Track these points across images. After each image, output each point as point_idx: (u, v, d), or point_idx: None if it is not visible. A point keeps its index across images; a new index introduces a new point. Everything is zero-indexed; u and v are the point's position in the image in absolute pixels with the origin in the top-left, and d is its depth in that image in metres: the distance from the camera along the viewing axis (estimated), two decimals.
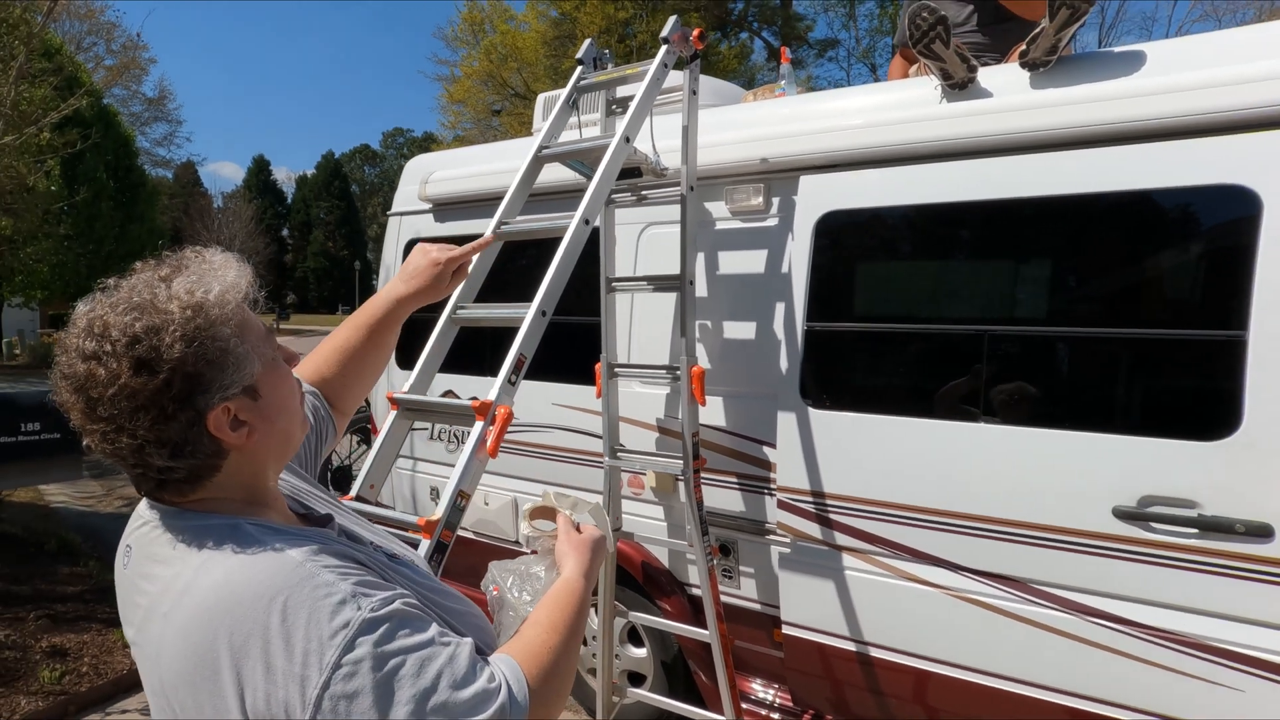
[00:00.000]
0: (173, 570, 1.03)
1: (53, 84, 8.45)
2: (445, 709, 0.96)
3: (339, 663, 0.93)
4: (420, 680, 0.95)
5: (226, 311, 1.07)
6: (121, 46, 34.71)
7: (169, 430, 1.02)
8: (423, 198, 4.50)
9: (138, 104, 41.18)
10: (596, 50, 3.30)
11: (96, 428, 1.02)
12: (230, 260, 1.14)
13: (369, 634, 0.95)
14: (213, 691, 0.95)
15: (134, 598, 1.09)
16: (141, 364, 1.00)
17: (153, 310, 1.03)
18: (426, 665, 0.97)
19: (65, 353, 1.05)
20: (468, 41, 29.95)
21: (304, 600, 0.96)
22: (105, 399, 1.00)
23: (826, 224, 3.03)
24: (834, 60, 40.62)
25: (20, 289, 24.78)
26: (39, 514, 8.26)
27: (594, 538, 1.48)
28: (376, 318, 1.72)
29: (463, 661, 1.01)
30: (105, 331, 1.01)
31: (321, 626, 0.94)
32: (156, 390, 1.00)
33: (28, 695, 4.21)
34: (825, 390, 3.01)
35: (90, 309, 1.06)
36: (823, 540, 3.00)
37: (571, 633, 1.24)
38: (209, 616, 0.97)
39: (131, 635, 1.10)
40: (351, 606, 0.97)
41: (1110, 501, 2.45)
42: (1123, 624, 2.46)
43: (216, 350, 1.05)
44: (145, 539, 1.10)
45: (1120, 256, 2.58)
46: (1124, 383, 2.56)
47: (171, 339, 1.01)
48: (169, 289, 1.05)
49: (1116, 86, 2.51)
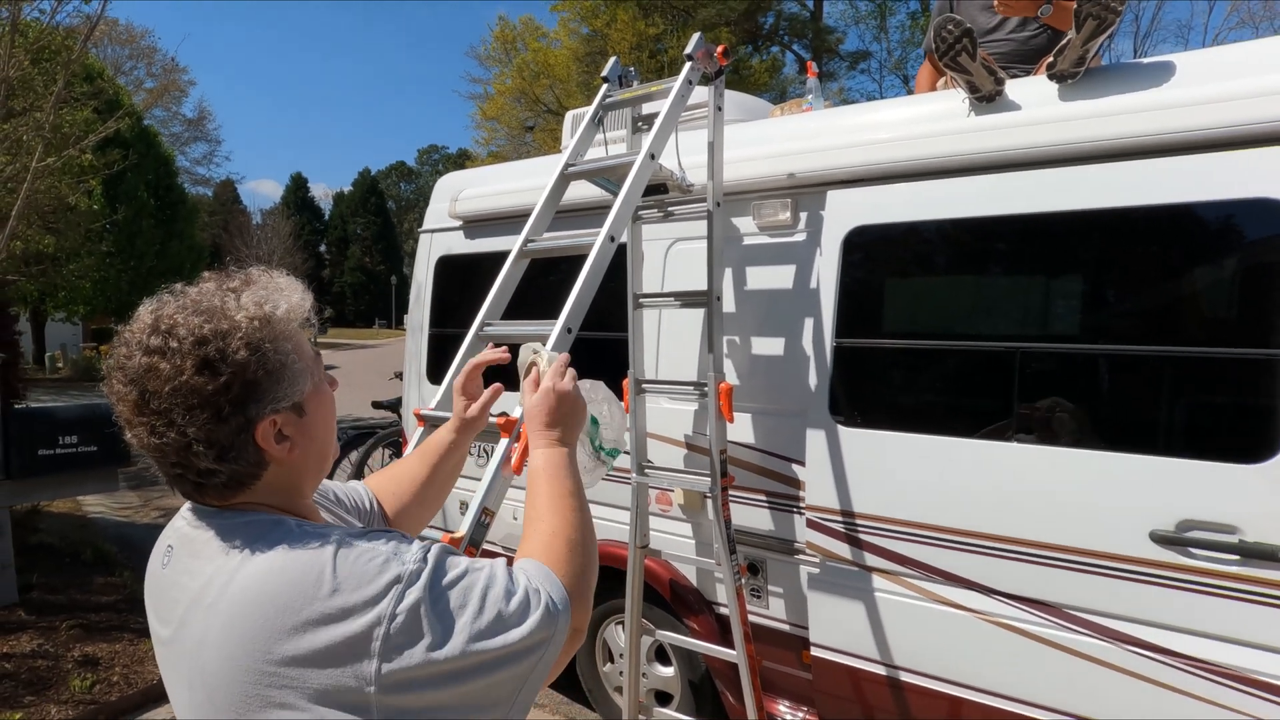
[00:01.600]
0: (215, 564, 1.05)
1: (94, 107, 8.66)
2: (498, 624, 1.04)
3: (394, 613, 0.98)
4: (468, 609, 1.03)
5: (289, 329, 1.14)
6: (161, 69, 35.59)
7: (219, 432, 1.05)
8: (453, 215, 4.54)
9: (178, 124, 42.28)
10: (622, 68, 3.31)
11: (145, 421, 1.05)
12: (295, 283, 1.20)
13: (415, 583, 1.01)
14: (265, 673, 0.97)
15: (172, 594, 1.10)
16: (206, 364, 1.04)
17: (222, 316, 1.08)
18: (470, 593, 1.04)
19: (125, 346, 1.08)
20: (500, 59, 30.30)
21: (350, 568, 1.01)
22: (162, 393, 1.03)
23: (854, 239, 3.00)
24: (866, 72, 40.57)
25: (63, 305, 25.36)
26: (76, 524, 8.39)
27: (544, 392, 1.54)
28: (438, 450, 1.75)
29: (500, 579, 1.08)
30: (172, 329, 1.06)
31: (372, 586, 0.99)
32: (216, 391, 1.04)
33: (58, 704, 4.26)
34: (855, 407, 2.98)
35: (157, 308, 1.10)
36: (852, 561, 2.96)
37: (574, 505, 1.35)
38: (258, 600, 0.99)
39: (166, 634, 1.10)
40: (396, 563, 1.02)
41: (1147, 525, 2.39)
42: (1160, 653, 2.38)
43: (276, 362, 1.10)
44: (187, 537, 1.12)
45: (1155, 272, 2.52)
46: (1161, 403, 2.49)
47: (237, 344, 1.06)
48: (238, 300, 1.11)
49: (1146, 99, 2.47)
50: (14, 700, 4.24)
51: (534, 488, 1.39)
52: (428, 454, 1.74)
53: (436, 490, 1.74)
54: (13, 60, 4.93)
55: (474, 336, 2.55)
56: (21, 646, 4.83)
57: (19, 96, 5.97)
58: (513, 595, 1.07)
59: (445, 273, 4.69)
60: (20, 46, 5.20)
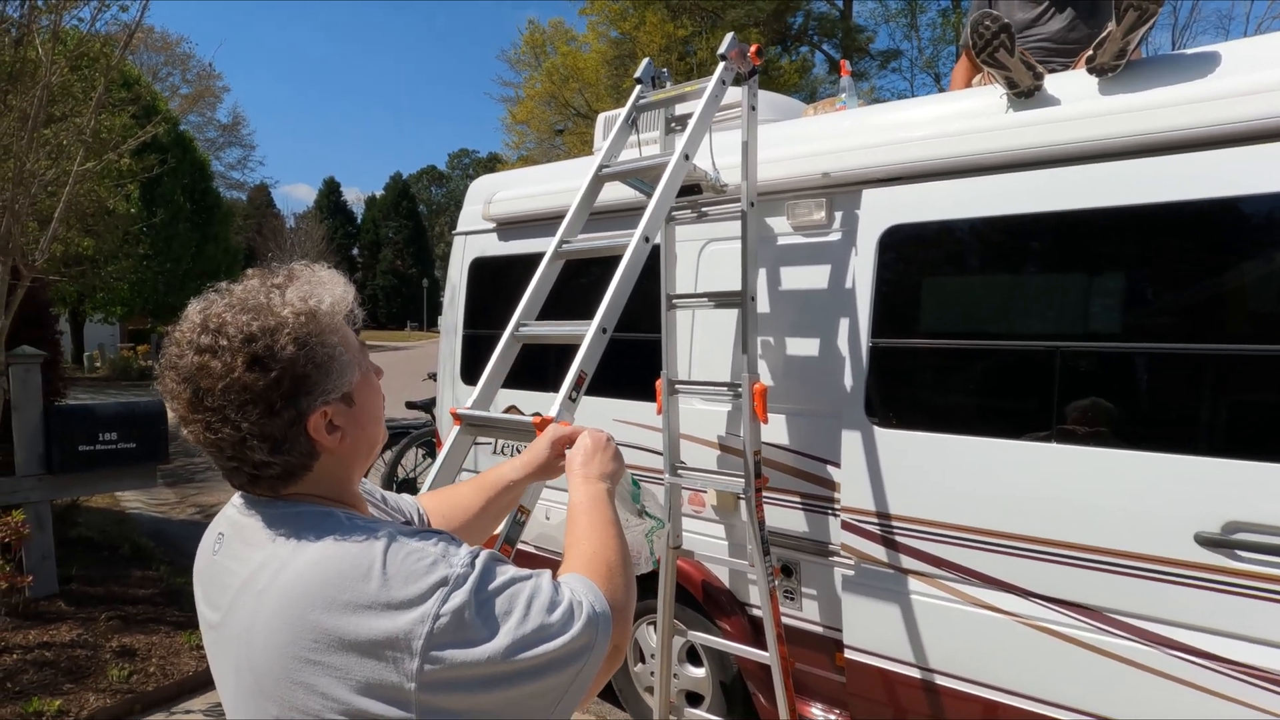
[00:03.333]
0: (266, 552, 1.07)
1: (131, 113, 8.81)
2: (541, 633, 1.05)
3: (439, 614, 0.99)
4: (513, 615, 1.04)
5: (335, 322, 1.16)
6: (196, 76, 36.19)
7: (272, 425, 1.08)
8: (486, 217, 4.57)
9: (212, 130, 42.93)
10: (655, 69, 3.31)
11: (200, 418, 1.08)
12: (337, 276, 1.22)
13: (461, 586, 1.02)
14: (310, 661, 0.98)
15: (223, 580, 1.12)
16: (255, 360, 1.06)
17: (268, 313, 1.10)
18: (515, 600, 1.06)
19: (177, 345, 1.11)
20: (530, 63, 30.47)
21: (399, 565, 1.02)
22: (215, 391, 1.06)
23: (890, 238, 2.98)
24: (897, 71, 40.24)
25: (101, 306, 25.90)
26: (114, 519, 8.55)
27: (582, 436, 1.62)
28: (498, 485, 1.73)
29: (545, 590, 1.09)
30: (221, 328, 1.08)
31: (419, 585, 1.01)
32: (267, 386, 1.07)
33: (96, 692, 4.37)
34: (891, 408, 2.95)
35: (205, 307, 1.12)
36: (888, 563, 2.94)
37: (614, 533, 1.37)
38: (306, 589, 1.01)
39: (215, 618, 1.13)
40: (444, 565, 1.04)
41: (1192, 527, 2.34)
42: (1205, 658, 2.34)
43: (324, 355, 1.12)
44: (239, 525, 1.15)
45: (1199, 268, 2.47)
46: (1206, 401, 2.44)
47: (285, 340, 1.08)
48: (283, 296, 1.13)
49: (1189, 91, 2.42)
50: (54, 688, 4.36)
51: (573, 519, 1.41)
52: (485, 486, 1.72)
53: (486, 523, 1.74)
54: (54, 67, 5.03)
55: (509, 337, 2.57)
56: (61, 636, 4.94)
57: (59, 103, 6.09)
58: (557, 605, 1.08)
59: (479, 275, 4.72)
60: (60, 54, 5.30)
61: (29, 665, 4.55)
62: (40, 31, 5.31)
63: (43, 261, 5.59)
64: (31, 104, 5.04)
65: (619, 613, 1.19)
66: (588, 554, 1.29)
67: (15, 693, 4.26)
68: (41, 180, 5.36)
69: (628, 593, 1.26)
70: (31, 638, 4.88)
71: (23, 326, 5.71)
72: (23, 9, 5.28)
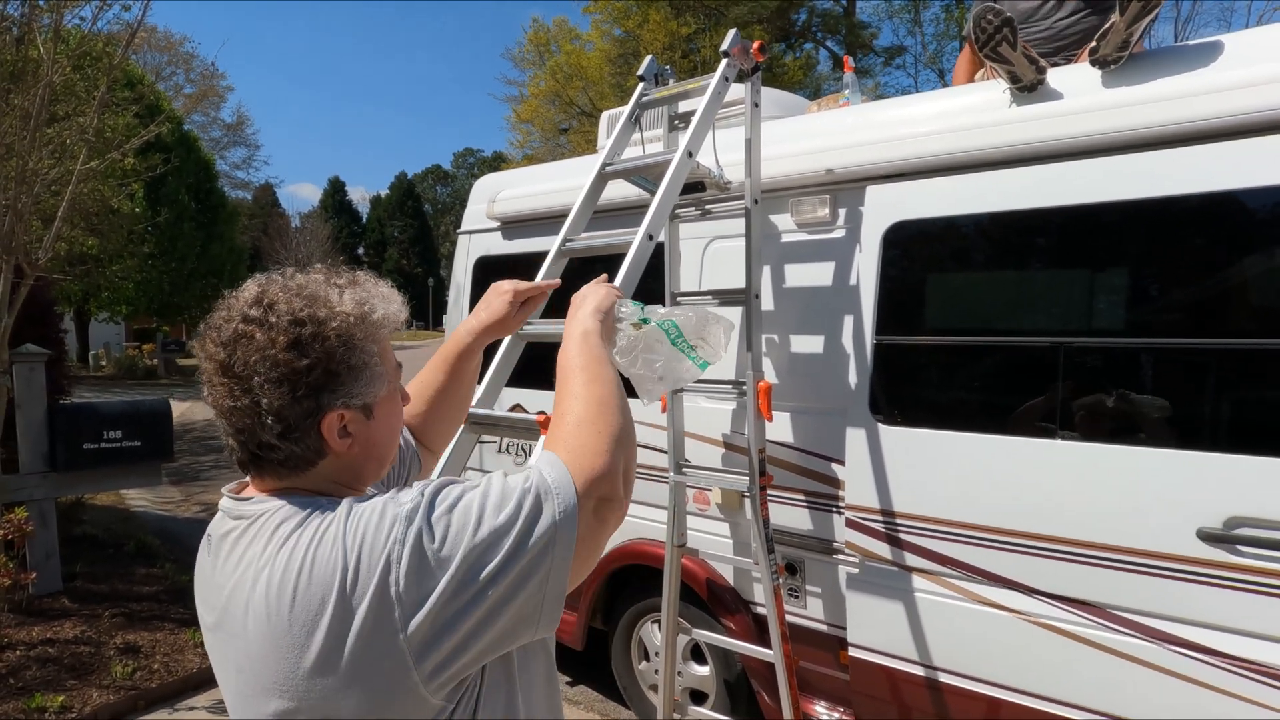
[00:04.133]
0: (254, 550, 1.08)
1: (135, 112, 8.83)
2: (495, 536, 1.02)
3: (400, 557, 0.99)
4: (466, 529, 1.02)
5: (380, 333, 1.18)
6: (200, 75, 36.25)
7: (290, 410, 1.09)
8: (491, 216, 4.57)
9: (217, 129, 42.96)
10: (658, 66, 3.30)
11: (225, 382, 1.10)
12: (396, 294, 1.25)
13: (413, 520, 1.02)
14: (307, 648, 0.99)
15: (216, 581, 1.12)
16: (297, 342, 1.09)
17: (323, 304, 1.13)
18: (469, 512, 1.04)
19: (227, 310, 1.13)
20: (534, 62, 30.44)
21: (360, 533, 1.02)
22: (249, 360, 1.08)
23: (895, 235, 2.97)
24: (901, 68, 40.10)
25: (106, 304, 25.98)
26: (119, 517, 8.59)
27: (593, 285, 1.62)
28: (454, 352, 1.74)
29: (496, 488, 1.07)
30: (273, 305, 1.11)
31: (378, 540, 1.01)
32: (297, 371, 1.08)
33: (99, 689, 4.38)
34: (896, 406, 2.95)
35: (265, 284, 1.16)
36: (892, 561, 2.93)
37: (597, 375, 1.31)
38: (292, 580, 1.01)
39: (212, 620, 1.13)
40: (392, 506, 1.04)
41: (1194, 523, 2.34)
42: (1207, 653, 2.33)
43: (360, 360, 1.14)
44: (228, 526, 1.15)
45: (1203, 262, 2.46)
46: (1208, 397, 2.43)
47: (330, 332, 1.11)
48: (341, 295, 1.16)
49: (1193, 82, 2.41)
50: (57, 684, 4.37)
51: (558, 377, 1.35)
52: (446, 357, 1.73)
53: (463, 391, 1.75)
54: (55, 66, 5.03)
55: (514, 336, 2.55)
56: (65, 633, 4.96)
57: (62, 102, 6.09)
58: (506, 502, 1.05)
59: (484, 273, 4.72)
60: (62, 53, 5.30)
61: (32, 662, 4.56)
62: (42, 30, 5.31)
63: (46, 260, 5.59)
64: (33, 103, 5.04)
65: (589, 466, 1.13)
66: (554, 422, 1.25)
67: (18, 689, 4.27)
68: (44, 179, 5.36)
69: (602, 438, 1.18)
70: (35, 634, 4.89)
71: (27, 325, 5.72)
72: (23, 8, 5.28)
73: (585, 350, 1.38)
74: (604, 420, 1.22)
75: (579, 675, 4.76)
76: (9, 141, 5.09)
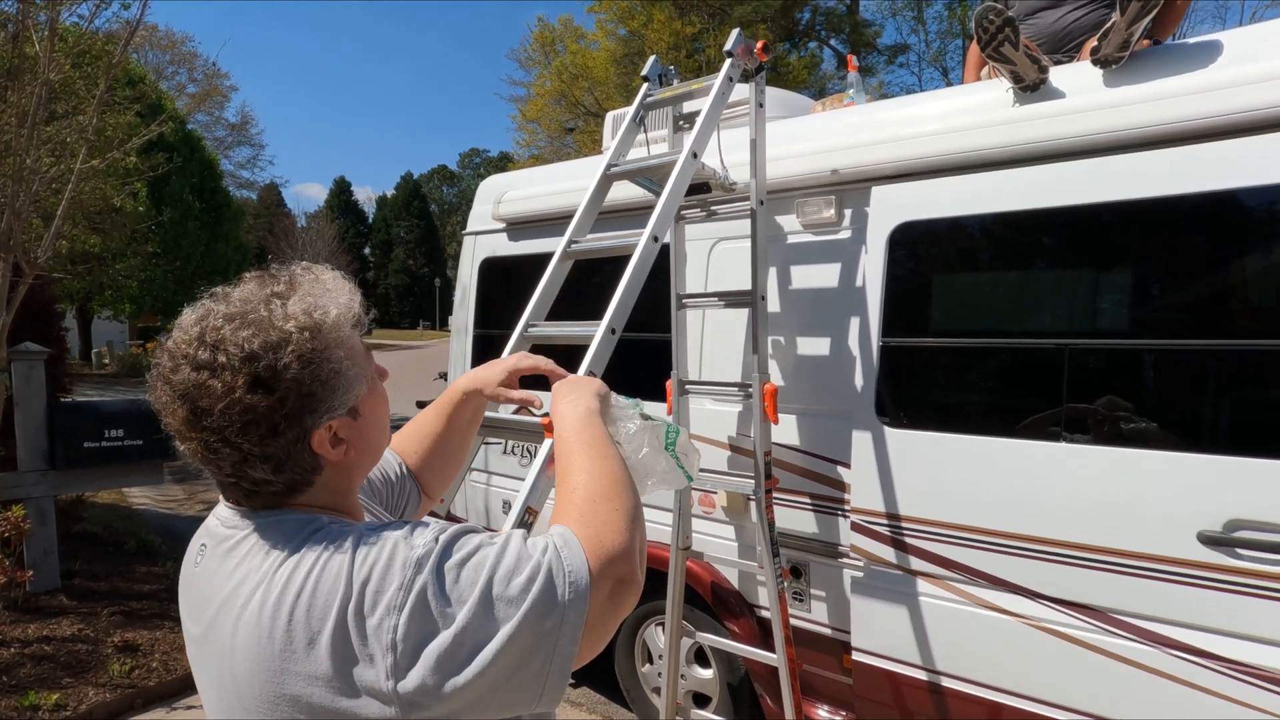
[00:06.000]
0: (249, 565, 1.03)
1: (136, 111, 8.82)
2: (504, 602, 0.96)
3: (404, 603, 0.95)
4: (475, 589, 0.96)
5: (341, 334, 1.09)
6: (202, 75, 36.31)
7: (274, 446, 1.03)
8: (496, 217, 4.55)
9: (221, 129, 43.00)
10: (662, 67, 3.28)
11: (198, 436, 1.03)
12: (341, 281, 1.15)
13: (423, 568, 0.97)
14: (292, 673, 0.96)
15: (205, 593, 1.08)
16: (258, 381, 1.01)
17: (270, 327, 1.03)
18: (479, 572, 0.98)
19: (172, 358, 1.04)
20: (539, 62, 30.47)
21: (367, 564, 0.98)
22: (214, 411, 1.00)
23: (901, 235, 2.95)
24: (904, 66, 40.09)
25: (109, 303, 26.05)
26: (121, 515, 8.56)
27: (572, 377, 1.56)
28: (450, 400, 1.71)
29: (510, 554, 1.00)
30: (220, 344, 1.01)
31: (386, 579, 0.96)
32: (270, 408, 1.01)
33: (96, 687, 4.36)
34: (902, 408, 2.92)
35: (202, 317, 1.05)
36: (897, 564, 2.91)
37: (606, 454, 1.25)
38: (284, 602, 0.97)
39: (197, 632, 1.09)
40: (404, 547, 0.99)
41: (1194, 526, 2.31)
42: (1208, 658, 2.31)
43: (330, 371, 1.06)
44: (220, 538, 1.10)
45: (1206, 263, 2.43)
46: (1211, 399, 2.41)
47: (289, 358, 1.02)
48: (285, 307, 1.06)
49: (1194, 80, 2.39)
50: (52, 681, 4.35)
51: (560, 451, 1.29)
52: (443, 406, 1.69)
53: (457, 440, 1.71)
54: (53, 63, 5.02)
55: (519, 337, 2.54)
56: (62, 631, 4.94)
57: (60, 100, 6.09)
58: (520, 572, 0.98)
59: (489, 275, 4.71)
60: (60, 50, 5.29)
61: (27, 659, 4.54)
62: (38, 28, 5.30)
63: (46, 259, 5.58)
64: (30, 101, 5.02)
65: (609, 548, 1.06)
66: (567, 492, 1.17)
67: (11, 686, 4.26)
68: (43, 178, 5.35)
69: (619, 519, 1.12)
70: (30, 632, 4.87)
71: (27, 323, 5.72)
72: (18, 4, 5.26)
73: (592, 427, 1.32)
74: (620, 497, 1.16)
75: (582, 677, 4.74)
76: (6, 139, 5.08)
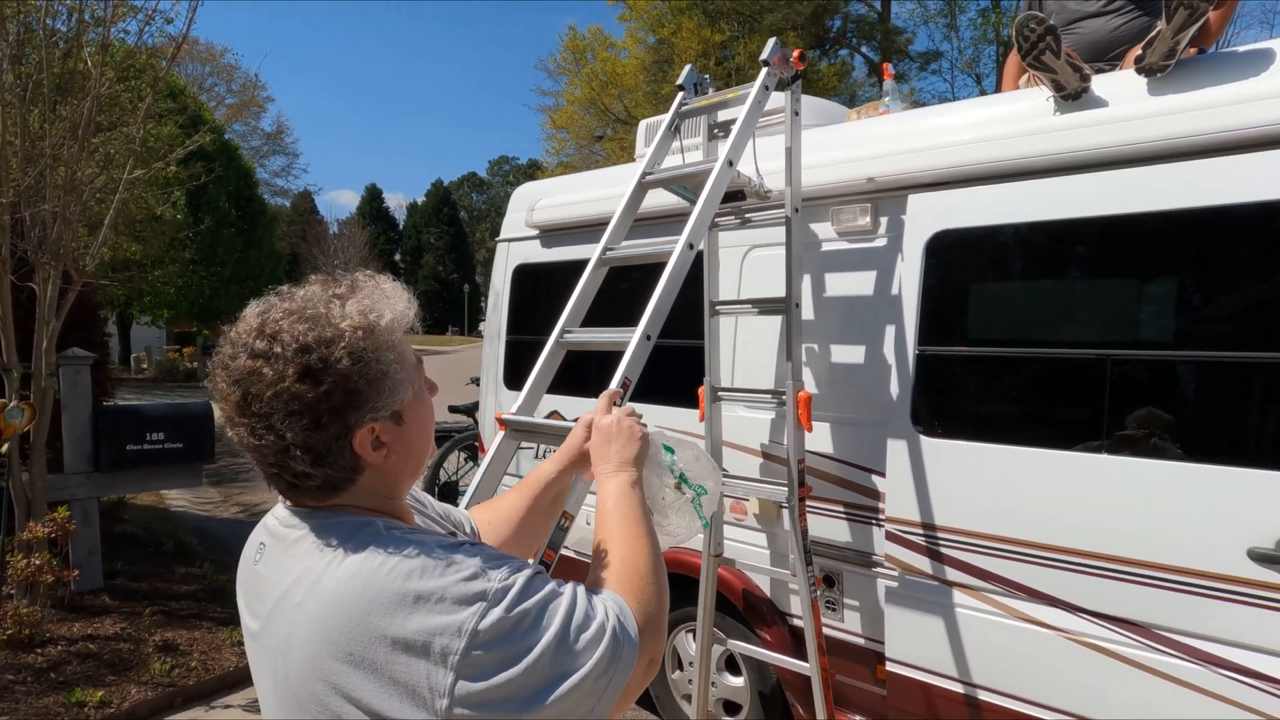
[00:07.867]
0: (306, 563, 1.07)
1: (178, 122, 9.01)
2: (570, 657, 1.02)
3: (476, 629, 0.97)
4: (545, 636, 1.01)
5: (393, 338, 1.13)
6: (241, 86, 36.95)
7: (316, 438, 1.07)
8: (530, 224, 4.59)
9: (257, 138, 43.74)
10: (697, 76, 3.30)
11: (246, 421, 1.07)
12: (400, 290, 1.19)
13: (499, 603, 1.00)
14: (346, 674, 0.98)
15: (262, 589, 1.12)
16: (308, 371, 1.05)
17: (326, 323, 1.08)
18: (551, 619, 1.03)
19: (231, 345, 1.10)
20: (569, 69, 30.61)
21: (437, 579, 1.01)
22: (264, 397, 1.05)
23: (937, 244, 2.93)
24: (937, 73, 39.75)
25: (148, 308, 26.54)
26: (159, 516, 8.70)
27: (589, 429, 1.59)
28: (538, 489, 1.71)
29: (580, 608, 1.07)
30: (277, 334, 1.06)
31: (457, 599, 0.99)
32: (316, 399, 1.05)
33: (138, 685, 4.46)
34: (938, 418, 2.91)
35: (264, 310, 1.11)
36: (933, 575, 2.89)
37: (640, 531, 1.33)
38: (344, 602, 1.00)
39: (255, 627, 1.13)
40: (482, 579, 1.02)
41: (1245, 543, 2.27)
42: (1254, 677, 2.27)
43: (378, 372, 1.10)
44: (279, 535, 1.14)
45: (1254, 272, 2.40)
46: (1260, 411, 2.36)
47: (340, 353, 1.07)
48: (343, 307, 1.11)
49: (1242, 90, 2.36)
50: (97, 679, 4.45)
51: (600, 520, 1.38)
52: (527, 486, 1.71)
53: (535, 524, 1.71)
54: (102, 78, 5.14)
55: (554, 344, 2.57)
56: (105, 629, 5.05)
57: (107, 112, 6.22)
58: (587, 627, 1.05)
59: (522, 281, 4.74)
60: (108, 65, 5.41)
61: (73, 657, 4.65)
62: (89, 44, 5.43)
63: (93, 266, 5.71)
64: (81, 114, 5.15)
65: (651, 625, 1.16)
66: (617, 563, 1.25)
67: (59, 683, 4.35)
68: (92, 188, 5.48)
69: (660, 601, 1.22)
70: (76, 630, 4.99)
71: (73, 329, 5.84)
72: (70, 23, 5.40)
73: (634, 502, 1.41)
74: (661, 579, 1.25)
75: None
76: (57, 151, 5.20)
